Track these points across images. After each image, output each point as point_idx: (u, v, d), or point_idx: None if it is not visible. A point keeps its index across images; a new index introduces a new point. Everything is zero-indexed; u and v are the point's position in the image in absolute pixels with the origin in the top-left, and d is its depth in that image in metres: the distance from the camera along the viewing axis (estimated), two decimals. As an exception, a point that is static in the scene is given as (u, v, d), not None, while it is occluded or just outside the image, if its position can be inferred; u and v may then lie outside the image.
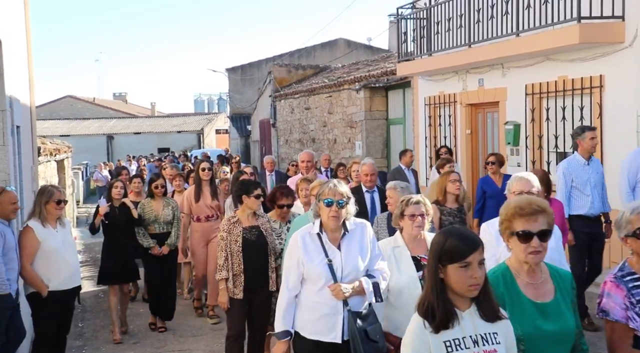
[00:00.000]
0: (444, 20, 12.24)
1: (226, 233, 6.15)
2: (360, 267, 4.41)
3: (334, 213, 4.33)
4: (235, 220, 6.22)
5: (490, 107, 12.04)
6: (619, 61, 8.84)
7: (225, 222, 6.28)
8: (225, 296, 6.13)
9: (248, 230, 6.19)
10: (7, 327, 5.66)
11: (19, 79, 8.52)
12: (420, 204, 4.71)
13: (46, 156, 14.12)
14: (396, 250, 4.71)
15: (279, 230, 6.49)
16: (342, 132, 18.44)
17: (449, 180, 6.97)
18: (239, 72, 36.12)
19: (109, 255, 8.15)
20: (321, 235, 4.42)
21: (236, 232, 6.14)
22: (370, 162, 7.76)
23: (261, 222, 6.31)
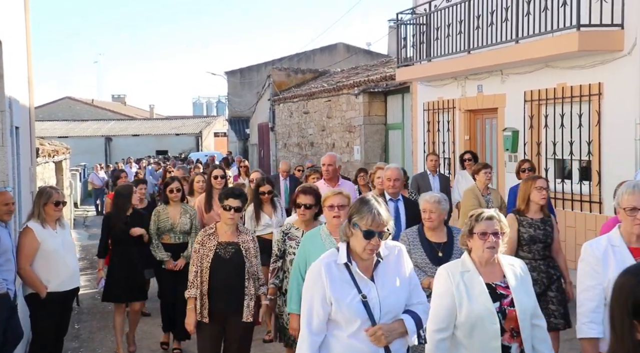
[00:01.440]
0: (443, 26, 12.26)
1: (199, 245, 5.53)
2: (401, 303, 3.63)
3: (373, 247, 3.50)
4: (211, 231, 5.57)
5: (489, 113, 12.06)
6: (618, 69, 8.86)
7: (201, 233, 5.67)
8: (192, 318, 5.46)
9: (223, 247, 5.50)
10: (4, 328, 5.66)
11: (18, 80, 8.52)
12: (493, 220, 3.85)
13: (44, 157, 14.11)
14: (466, 275, 3.84)
15: (300, 239, 5.59)
16: (340, 136, 18.46)
17: (534, 186, 6.09)
18: (238, 76, 36.14)
19: (117, 269, 7.37)
20: (350, 265, 3.56)
21: (209, 245, 5.49)
22: (395, 167, 6.94)
23: (243, 239, 5.57)
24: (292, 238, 5.69)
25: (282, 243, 5.72)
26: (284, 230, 5.76)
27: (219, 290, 5.45)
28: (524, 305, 3.76)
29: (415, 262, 5.00)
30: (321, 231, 5.16)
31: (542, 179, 6.26)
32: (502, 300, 3.77)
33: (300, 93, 22.19)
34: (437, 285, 3.88)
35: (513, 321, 3.74)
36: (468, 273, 3.84)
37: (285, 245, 5.69)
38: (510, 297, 3.77)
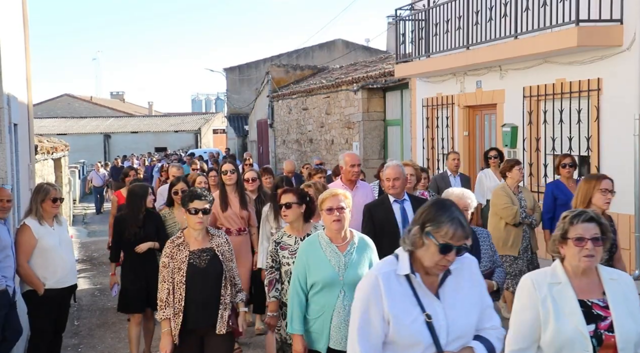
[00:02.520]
0: (442, 22, 12.25)
1: (168, 259, 4.93)
2: (472, 326, 3.03)
3: (448, 262, 2.92)
4: (180, 241, 4.99)
5: (487, 109, 12.06)
6: (617, 64, 8.85)
7: (168, 244, 5.02)
8: (169, 342, 4.91)
9: (196, 255, 4.95)
10: (3, 324, 5.66)
11: (16, 77, 8.51)
12: (593, 223, 3.16)
13: (43, 154, 14.10)
14: (555, 288, 3.18)
15: (294, 247, 5.14)
16: (339, 132, 18.45)
17: (598, 188, 5.28)
18: (237, 72, 36.11)
19: (131, 277, 6.79)
20: (413, 278, 2.97)
21: (181, 257, 4.91)
22: (395, 164, 6.20)
23: (216, 242, 5.06)
24: (284, 247, 5.18)
25: (275, 254, 5.19)
26: (276, 240, 5.23)
27: (197, 304, 4.92)
28: (626, 332, 3.09)
29: None
30: (319, 238, 4.64)
31: (608, 180, 5.38)
32: (599, 323, 3.12)
33: (299, 89, 22.18)
34: (520, 296, 3.24)
35: (611, 349, 3.09)
36: (558, 286, 3.18)
37: (278, 256, 5.17)
38: (609, 320, 3.12)
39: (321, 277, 4.49)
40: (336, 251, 4.52)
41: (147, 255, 6.80)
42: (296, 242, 5.14)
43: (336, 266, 4.49)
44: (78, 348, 7.86)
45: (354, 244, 4.58)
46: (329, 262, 4.50)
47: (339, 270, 4.49)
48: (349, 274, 4.47)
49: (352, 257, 4.53)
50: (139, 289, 6.76)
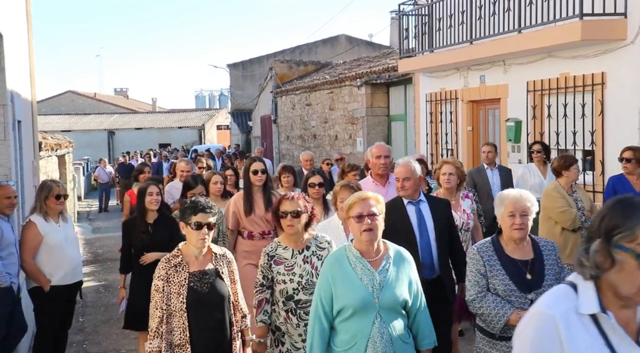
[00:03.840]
0: (445, 16, 12.23)
1: (162, 281, 4.16)
2: None
3: None
4: (177, 260, 4.23)
5: (491, 104, 12.03)
6: (621, 58, 8.82)
7: (162, 264, 4.24)
8: None
9: (197, 278, 4.21)
10: (8, 321, 5.68)
11: (20, 74, 8.52)
12: None
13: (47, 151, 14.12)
14: None
15: (291, 261, 4.50)
16: (343, 128, 18.44)
17: None
18: (240, 68, 36.11)
19: (140, 290, 6.03)
20: (604, 318, 2.07)
21: (179, 279, 4.17)
22: (405, 162, 5.43)
23: (220, 262, 4.36)
24: (279, 262, 4.52)
25: (268, 270, 4.53)
26: (269, 252, 4.57)
27: (202, 337, 4.20)
28: None
29: (495, 289, 4.02)
30: (347, 252, 3.91)
31: None
32: None
33: (303, 85, 22.16)
34: None
35: None
36: None
37: (271, 271, 4.52)
38: None
39: (352, 300, 3.75)
40: (368, 267, 3.83)
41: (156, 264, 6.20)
42: (293, 255, 4.53)
43: (369, 286, 3.78)
44: (83, 345, 7.88)
45: (389, 258, 3.89)
46: (360, 281, 3.79)
47: (373, 290, 3.77)
48: (386, 296, 3.78)
49: (388, 274, 3.84)
50: (146, 304, 6.02)
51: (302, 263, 4.52)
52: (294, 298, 4.50)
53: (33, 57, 10.10)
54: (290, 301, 4.50)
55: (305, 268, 4.52)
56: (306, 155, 11.76)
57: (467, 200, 6.50)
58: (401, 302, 3.84)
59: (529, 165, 8.86)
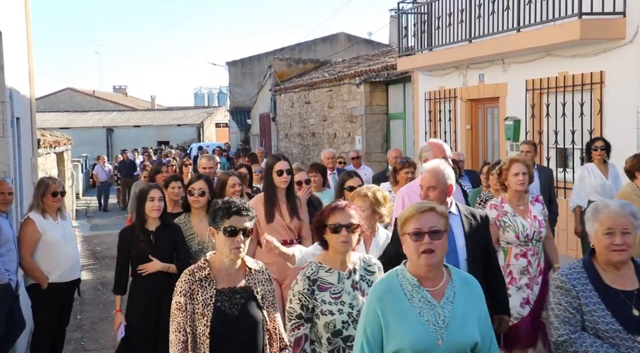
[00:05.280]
0: (444, 15, 12.24)
1: (185, 298, 3.41)
2: None
3: None
4: (204, 274, 3.46)
5: (490, 103, 12.04)
6: (620, 57, 8.83)
7: (185, 277, 3.48)
8: None
9: (227, 297, 3.46)
10: (6, 318, 5.68)
11: (19, 71, 8.51)
12: None
13: (46, 148, 14.11)
14: None
15: (337, 287, 3.62)
16: (342, 126, 18.44)
17: None
18: (239, 66, 36.13)
19: (138, 311, 5.45)
20: None
21: (204, 297, 3.42)
22: (433, 167, 4.52)
23: (255, 279, 3.56)
24: (324, 288, 3.60)
25: (309, 297, 3.59)
26: (310, 276, 3.63)
27: None
28: None
29: (594, 328, 3.25)
30: (400, 279, 3.10)
31: None
32: None
33: (302, 83, 22.16)
34: None
35: None
36: None
37: (314, 300, 3.59)
38: None
39: (409, 342, 2.94)
40: (429, 299, 3.02)
41: (160, 281, 5.39)
42: (340, 279, 3.64)
43: (431, 323, 2.97)
44: (81, 342, 7.88)
45: (453, 287, 3.08)
46: (419, 316, 2.99)
47: (436, 329, 2.96)
48: (452, 336, 2.97)
49: (454, 307, 3.02)
50: (147, 329, 5.33)
51: (351, 290, 3.63)
52: (342, 334, 3.59)
53: (32, 55, 10.09)
54: (337, 337, 3.58)
55: (356, 297, 3.62)
56: (328, 153, 10.73)
57: (537, 204, 5.65)
58: (470, 343, 3.01)
59: (588, 165, 7.99)
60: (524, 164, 5.58)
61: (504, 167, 5.66)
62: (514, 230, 5.45)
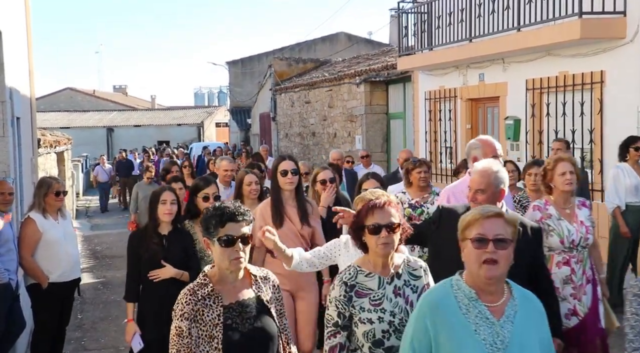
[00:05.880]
0: (445, 14, 12.23)
1: (188, 322, 3.03)
2: None
3: None
4: (206, 291, 3.10)
5: (490, 102, 12.04)
6: (620, 57, 8.83)
7: (184, 298, 3.10)
8: None
9: (236, 311, 3.13)
10: (6, 318, 5.68)
11: (19, 71, 8.51)
12: None
13: (46, 148, 14.10)
14: None
15: (378, 293, 3.30)
16: (342, 126, 18.43)
17: None
18: (240, 65, 36.11)
19: (148, 321, 5.11)
20: None
21: (211, 317, 3.06)
22: (483, 168, 4.15)
23: (263, 287, 3.26)
24: (362, 294, 3.29)
25: (346, 304, 3.28)
26: (347, 281, 3.32)
27: None
28: None
29: None
30: (455, 290, 2.81)
31: None
32: None
33: (302, 83, 22.16)
34: None
35: None
36: None
37: (352, 307, 3.28)
38: None
39: None
40: (488, 316, 2.73)
41: (172, 289, 4.66)
42: (381, 285, 3.31)
43: (488, 343, 2.69)
44: (81, 341, 7.89)
45: (514, 304, 2.79)
46: (474, 333, 2.70)
47: (493, 350, 2.69)
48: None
49: (514, 327, 2.73)
50: (159, 341, 4.73)
51: (392, 297, 3.30)
52: (383, 345, 3.25)
53: (32, 54, 10.10)
54: (379, 348, 3.25)
55: (398, 304, 3.30)
56: (335, 154, 10.36)
57: (584, 209, 5.26)
58: None
59: (622, 164, 7.65)
60: (571, 163, 5.19)
61: (549, 167, 5.25)
62: (559, 234, 5.07)
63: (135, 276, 5.20)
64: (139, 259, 5.16)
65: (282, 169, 5.41)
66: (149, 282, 5.11)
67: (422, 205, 6.61)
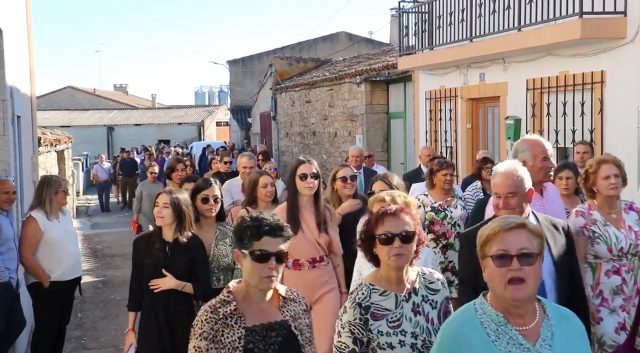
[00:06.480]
0: (445, 14, 12.23)
1: (207, 343, 2.76)
2: None
3: None
4: (229, 309, 2.82)
5: (491, 102, 12.04)
6: (621, 57, 8.83)
7: (204, 315, 2.82)
8: None
9: (260, 335, 2.83)
10: (7, 317, 5.68)
11: (19, 69, 8.51)
12: None
13: (46, 146, 14.12)
14: None
15: (395, 313, 2.99)
16: (342, 125, 18.44)
17: None
18: (240, 65, 36.12)
19: (150, 335, 4.74)
20: None
21: (231, 339, 2.78)
22: (508, 170, 3.78)
23: (292, 311, 2.94)
24: (378, 316, 2.95)
25: (362, 329, 2.93)
26: (361, 302, 2.97)
27: None
28: None
29: None
30: (480, 314, 2.47)
31: None
32: None
33: (302, 82, 22.16)
34: None
35: None
36: None
37: (369, 331, 2.93)
38: None
39: None
40: (520, 341, 2.40)
41: (172, 302, 4.70)
42: (398, 304, 2.97)
43: None
44: (81, 340, 7.89)
45: (549, 325, 2.46)
46: None
47: None
48: None
49: (553, 350, 2.42)
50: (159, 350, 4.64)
51: (412, 316, 2.98)
52: None
53: (33, 53, 10.10)
54: None
55: (419, 323, 2.98)
56: (355, 151, 9.65)
57: (632, 212, 4.84)
58: None
59: None
60: (615, 165, 4.79)
61: (591, 170, 4.84)
62: (606, 241, 4.67)
63: (137, 284, 4.84)
64: (142, 266, 4.80)
65: (301, 172, 5.02)
66: (150, 291, 4.73)
67: (446, 208, 6.45)
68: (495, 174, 3.80)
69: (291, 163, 5.26)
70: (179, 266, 4.71)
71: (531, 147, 4.40)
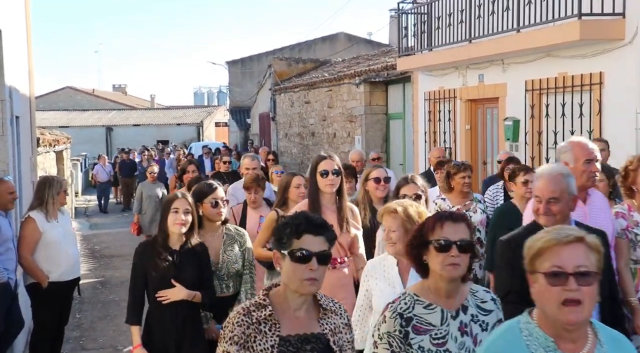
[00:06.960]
0: (444, 15, 12.24)
1: (238, 348, 2.53)
2: None
3: None
4: (264, 314, 2.59)
5: (490, 103, 12.05)
6: (619, 58, 8.84)
7: (236, 318, 2.59)
8: None
9: (294, 346, 2.59)
10: (5, 317, 5.68)
11: (18, 70, 8.51)
12: None
13: (45, 147, 14.11)
14: None
15: (441, 330, 2.76)
16: (341, 126, 18.44)
17: None
18: (239, 65, 36.12)
19: (155, 336, 4.47)
20: None
21: (263, 347, 2.55)
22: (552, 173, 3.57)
23: (331, 324, 2.68)
24: (422, 330, 2.73)
25: (401, 342, 2.72)
26: (402, 312, 2.75)
27: None
28: None
29: None
30: (526, 336, 2.21)
31: None
32: None
33: (301, 83, 22.17)
34: None
35: None
36: None
37: (409, 346, 2.72)
38: None
39: None
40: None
41: (181, 312, 4.43)
42: (444, 320, 2.74)
43: None
44: (80, 341, 7.89)
45: (602, 349, 2.21)
46: None
47: None
48: None
49: None
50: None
51: (458, 335, 2.73)
52: None
53: (32, 53, 10.10)
54: None
55: (465, 345, 2.73)
56: (356, 155, 9.34)
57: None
58: None
59: None
60: None
61: (631, 167, 4.54)
62: None
63: (138, 296, 4.47)
64: (144, 276, 4.46)
65: (322, 168, 4.72)
66: (157, 303, 4.41)
67: (465, 213, 5.99)
68: (538, 175, 3.54)
69: (311, 160, 4.98)
70: (189, 275, 4.44)
71: (574, 147, 4.14)
